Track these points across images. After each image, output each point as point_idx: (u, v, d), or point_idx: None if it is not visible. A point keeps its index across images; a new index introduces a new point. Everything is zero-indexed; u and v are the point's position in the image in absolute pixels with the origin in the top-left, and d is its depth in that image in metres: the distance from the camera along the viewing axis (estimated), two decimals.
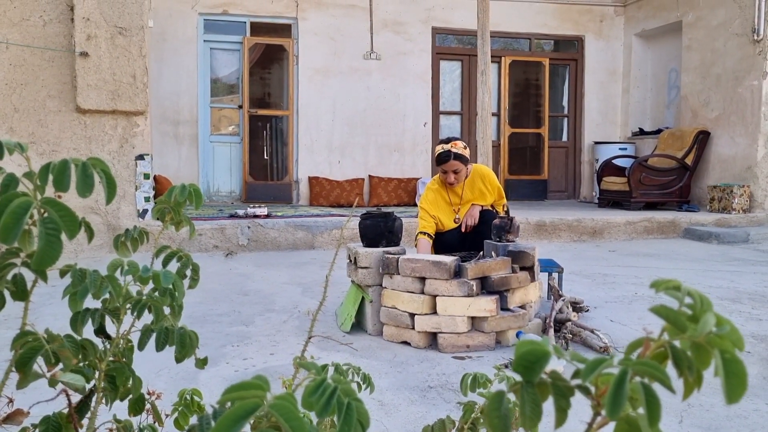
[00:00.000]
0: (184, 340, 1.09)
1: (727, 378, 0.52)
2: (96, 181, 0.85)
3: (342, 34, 9.60)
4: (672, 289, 0.56)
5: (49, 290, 4.49)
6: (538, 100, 10.70)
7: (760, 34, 7.92)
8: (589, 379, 0.55)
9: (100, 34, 6.02)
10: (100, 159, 0.85)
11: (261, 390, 0.61)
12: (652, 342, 0.59)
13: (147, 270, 1.04)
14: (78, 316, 1.04)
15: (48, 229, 0.74)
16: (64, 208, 0.77)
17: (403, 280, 3.42)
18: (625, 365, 0.54)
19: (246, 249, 6.50)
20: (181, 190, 1.14)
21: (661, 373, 0.53)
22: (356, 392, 0.66)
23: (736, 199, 7.96)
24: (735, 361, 0.52)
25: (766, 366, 3.03)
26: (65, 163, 0.82)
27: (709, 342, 0.53)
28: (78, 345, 1.03)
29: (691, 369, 0.55)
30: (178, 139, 9.15)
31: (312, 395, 0.62)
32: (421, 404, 2.57)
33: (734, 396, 0.51)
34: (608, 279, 5.16)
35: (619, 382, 0.53)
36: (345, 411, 0.62)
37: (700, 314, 0.54)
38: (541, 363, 0.58)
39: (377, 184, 9.61)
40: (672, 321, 0.55)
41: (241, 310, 4.10)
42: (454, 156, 3.93)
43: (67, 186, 0.81)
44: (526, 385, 0.59)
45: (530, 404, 0.58)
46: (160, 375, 2.79)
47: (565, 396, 0.59)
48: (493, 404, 0.61)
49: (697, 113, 9.05)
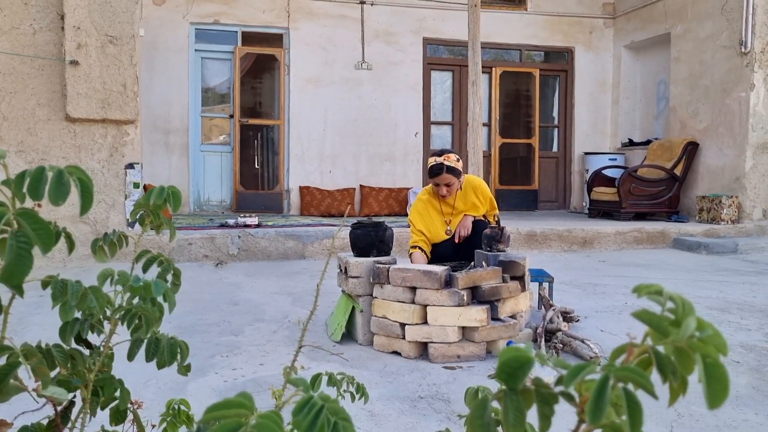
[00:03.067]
0: (175, 351, 1.08)
1: (709, 383, 0.51)
2: (72, 189, 0.83)
3: (333, 44, 9.63)
4: (654, 293, 0.56)
5: (36, 300, 4.45)
6: (528, 110, 10.76)
7: (748, 46, 8.01)
8: (572, 385, 0.55)
9: (90, 43, 6.00)
10: (79, 167, 0.83)
11: (244, 408, 0.60)
12: (636, 347, 0.58)
13: (138, 280, 1.02)
14: (67, 326, 1.03)
15: (19, 243, 0.71)
16: (38, 220, 0.74)
17: (393, 289, 3.41)
18: (607, 371, 0.54)
19: (236, 259, 6.47)
20: (159, 192, 1.12)
21: (644, 379, 0.52)
22: (344, 410, 0.65)
23: (725, 210, 8.01)
24: (717, 365, 0.51)
25: (755, 376, 3.03)
26: (41, 171, 0.78)
27: (691, 346, 0.53)
28: (66, 355, 1.01)
29: (675, 374, 0.55)
30: (169, 148, 9.12)
31: (299, 413, 0.61)
32: (412, 415, 2.56)
33: (716, 401, 0.51)
34: (598, 289, 5.17)
35: (600, 388, 0.52)
36: (332, 430, 0.61)
37: (682, 318, 0.54)
38: (525, 370, 0.58)
39: (368, 194, 9.61)
40: (654, 326, 0.55)
41: (230, 320, 4.08)
42: (447, 169, 3.93)
43: (41, 194, 0.77)
44: (510, 392, 0.59)
45: (513, 411, 0.58)
46: (147, 385, 2.77)
47: (548, 403, 0.59)
48: (476, 412, 0.60)
49: (685, 124, 9.13)
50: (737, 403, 2.68)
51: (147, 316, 1.03)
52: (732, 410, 2.61)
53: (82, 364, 1.02)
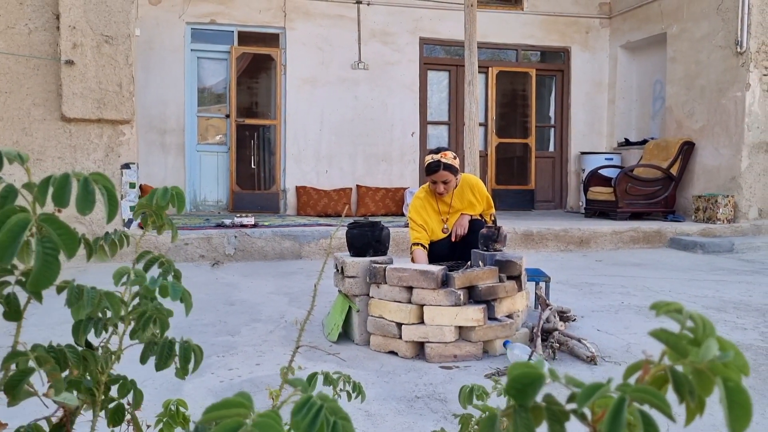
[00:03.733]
0: (189, 355, 1.06)
1: (731, 408, 0.50)
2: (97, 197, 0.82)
3: (330, 43, 9.62)
4: (674, 312, 0.55)
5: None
6: (525, 110, 10.77)
7: (743, 46, 8.03)
8: (586, 405, 0.53)
9: (86, 43, 5.98)
10: (104, 175, 0.83)
11: (244, 408, 0.59)
12: (652, 366, 0.57)
13: (155, 282, 1.01)
14: (80, 324, 1.01)
15: (46, 249, 0.71)
16: (62, 226, 0.74)
17: (390, 289, 3.40)
18: (623, 391, 0.53)
19: (233, 259, 6.46)
20: (163, 193, 1.11)
21: (661, 401, 0.51)
22: (343, 410, 0.65)
23: (721, 209, 8.03)
24: (739, 390, 0.50)
25: (751, 375, 3.04)
26: (66, 178, 0.78)
27: (712, 369, 0.52)
28: (80, 356, 1.00)
29: (693, 394, 0.54)
30: (165, 148, 9.10)
31: (297, 413, 0.61)
32: (408, 415, 2.55)
33: (738, 426, 0.49)
34: (595, 288, 5.17)
35: (617, 409, 0.51)
36: (331, 430, 0.61)
37: (702, 339, 0.53)
38: (535, 386, 0.57)
39: (365, 194, 9.60)
40: (672, 345, 0.54)
41: (227, 320, 4.07)
42: (444, 166, 3.92)
43: (67, 202, 0.77)
44: (519, 409, 0.57)
45: (523, 429, 0.57)
46: (143, 386, 2.74)
47: (559, 421, 0.57)
48: (484, 428, 0.59)
49: (681, 124, 9.14)
50: None
51: (162, 319, 1.02)
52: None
53: (95, 365, 1.00)
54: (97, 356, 1.00)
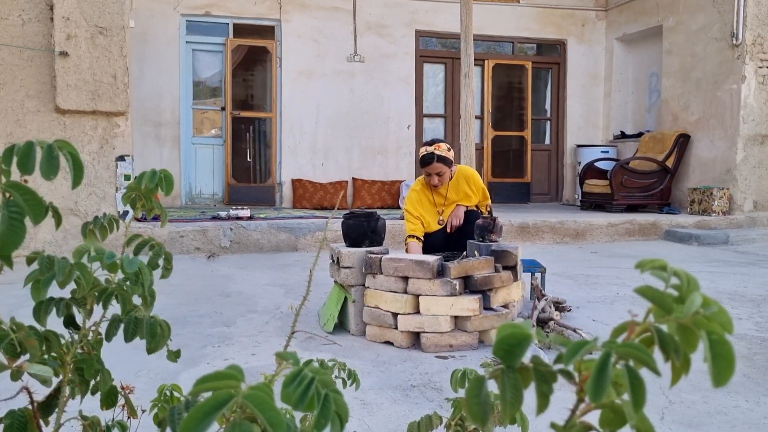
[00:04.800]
0: (155, 330, 1.05)
1: (715, 360, 0.50)
2: (62, 164, 0.82)
3: (325, 36, 9.58)
4: (658, 268, 0.55)
5: (25, 293, 4.41)
6: (521, 103, 10.75)
7: (739, 38, 8.02)
8: (571, 363, 0.53)
9: (80, 34, 5.95)
10: (68, 141, 0.82)
11: (235, 380, 0.59)
12: (637, 325, 0.57)
13: (112, 256, 1.00)
14: (41, 305, 1.01)
15: (11, 213, 0.71)
16: (29, 191, 0.74)
17: (386, 279, 3.40)
18: (609, 348, 0.53)
19: (228, 251, 6.45)
20: (151, 175, 1.10)
21: (646, 355, 0.51)
22: (335, 384, 0.64)
23: (716, 202, 8.05)
24: (722, 342, 0.50)
25: (746, 364, 3.05)
26: (30, 145, 0.78)
27: (696, 323, 0.52)
28: (41, 336, 0.99)
29: (678, 353, 0.54)
30: (160, 140, 9.06)
31: (289, 385, 0.60)
32: (404, 403, 2.55)
33: (722, 379, 0.50)
34: (590, 280, 5.18)
35: (602, 364, 0.51)
36: (322, 402, 0.60)
37: (687, 294, 0.53)
38: (523, 347, 0.57)
39: (361, 187, 9.59)
40: (658, 302, 0.54)
41: (222, 312, 4.06)
42: (437, 158, 3.92)
43: (32, 168, 0.77)
44: (507, 370, 0.58)
45: (511, 389, 0.57)
46: (138, 376, 2.75)
47: (547, 381, 0.58)
48: (472, 390, 0.59)
49: (677, 117, 9.15)
50: (728, 390, 2.69)
51: (123, 296, 1.01)
52: (723, 397, 2.62)
53: (58, 346, 0.99)
54: (59, 337, 0.99)
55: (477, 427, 1.23)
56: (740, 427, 2.33)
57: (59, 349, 0.99)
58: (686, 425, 2.34)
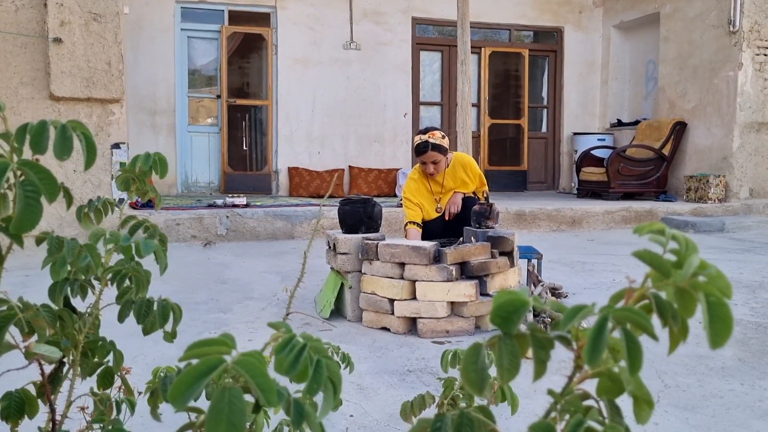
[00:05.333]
0: (167, 313, 1.05)
1: (712, 322, 0.50)
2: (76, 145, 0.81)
3: (321, 23, 9.53)
4: (656, 232, 0.55)
5: (22, 279, 4.42)
6: (517, 91, 10.73)
7: (736, 25, 8.00)
8: (568, 327, 0.53)
9: (74, 20, 5.90)
10: (80, 122, 0.82)
11: (226, 347, 0.58)
12: (635, 291, 0.57)
13: (128, 239, 1.00)
14: (57, 285, 1.00)
15: (27, 192, 0.70)
16: (43, 170, 0.73)
17: (382, 265, 3.40)
18: (606, 311, 0.53)
19: (224, 239, 6.44)
20: (146, 158, 1.10)
21: (643, 319, 0.51)
22: (327, 351, 0.64)
23: (712, 189, 8.05)
24: (720, 304, 0.50)
25: (741, 348, 3.06)
26: (44, 124, 0.78)
27: (694, 286, 0.51)
28: (55, 315, 0.99)
29: (676, 318, 0.54)
30: (156, 128, 9.02)
31: (281, 352, 0.60)
32: (401, 387, 2.56)
33: (719, 340, 0.50)
34: (587, 267, 5.19)
35: (599, 327, 0.51)
36: (315, 368, 0.60)
37: (686, 257, 0.52)
38: (520, 313, 0.57)
39: (357, 175, 9.57)
40: (656, 265, 0.53)
41: (218, 298, 4.06)
42: (432, 147, 3.92)
43: (45, 147, 0.77)
44: (504, 336, 0.57)
45: (508, 356, 0.56)
46: (135, 361, 2.75)
47: (544, 348, 0.57)
48: (469, 357, 0.59)
49: (674, 104, 9.14)
50: (723, 374, 2.71)
51: (138, 278, 1.01)
52: (718, 381, 2.63)
53: (72, 325, 0.99)
54: (73, 316, 0.99)
55: (467, 403, 1.23)
56: (735, 410, 2.34)
57: (72, 329, 0.98)
58: (681, 408, 2.35)
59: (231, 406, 0.52)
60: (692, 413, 2.31)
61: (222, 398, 0.53)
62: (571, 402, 0.55)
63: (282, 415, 1.30)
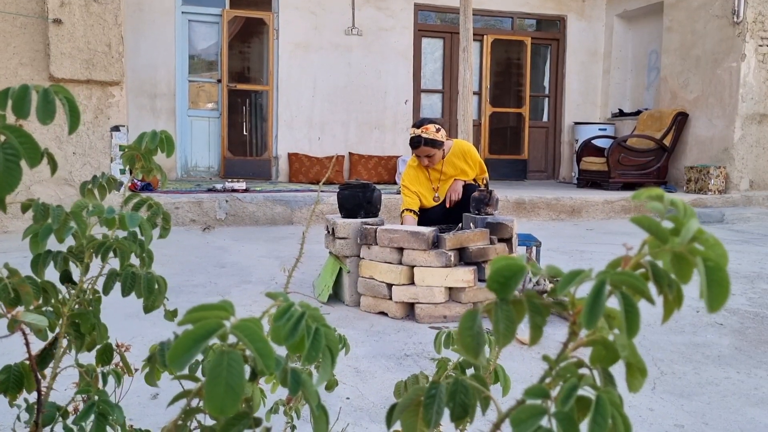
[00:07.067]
0: (152, 286, 1.05)
1: (710, 286, 0.49)
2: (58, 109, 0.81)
3: (323, 8, 9.47)
4: (654, 198, 0.54)
5: (21, 260, 4.41)
6: (519, 79, 10.68)
7: (740, 16, 7.96)
8: (565, 291, 0.53)
9: (74, 1, 5.86)
10: (63, 86, 0.81)
11: (225, 312, 0.58)
12: (631, 259, 0.57)
13: (112, 211, 1.00)
14: (39, 258, 1.00)
15: (7, 155, 0.70)
16: (25, 134, 0.73)
17: (381, 250, 3.40)
18: (604, 276, 0.52)
19: (224, 223, 6.43)
20: (152, 136, 1.09)
21: (640, 283, 0.51)
22: (325, 319, 0.64)
23: (713, 180, 8.04)
24: (718, 268, 0.49)
25: (737, 337, 3.07)
26: (25, 88, 0.78)
27: (691, 251, 0.51)
28: (39, 287, 0.98)
29: (672, 286, 0.53)
30: (155, 112, 8.98)
31: (278, 320, 0.60)
32: (397, 371, 2.56)
33: (716, 304, 0.49)
34: (585, 255, 5.19)
35: (596, 291, 0.51)
36: (313, 336, 0.60)
37: (684, 222, 0.52)
38: (517, 278, 0.56)
39: (357, 162, 9.56)
40: (653, 231, 0.53)
41: (217, 282, 4.06)
42: (424, 142, 3.93)
43: (27, 112, 0.77)
44: (501, 302, 0.57)
45: (504, 321, 0.56)
46: (132, 342, 2.75)
47: (541, 313, 0.57)
48: (465, 323, 0.59)
49: (676, 95, 9.11)
50: (720, 362, 2.71)
51: (122, 249, 1.01)
52: (714, 369, 2.63)
53: (56, 297, 0.99)
54: (57, 289, 0.99)
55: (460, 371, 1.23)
56: (731, 398, 2.34)
57: (56, 302, 0.98)
58: (677, 395, 2.36)
59: (230, 370, 0.52)
60: (687, 400, 2.32)
61: (221, 362, 0.53)
62: (567, 368, 0.55)
63: (278, 395, 1.30)
